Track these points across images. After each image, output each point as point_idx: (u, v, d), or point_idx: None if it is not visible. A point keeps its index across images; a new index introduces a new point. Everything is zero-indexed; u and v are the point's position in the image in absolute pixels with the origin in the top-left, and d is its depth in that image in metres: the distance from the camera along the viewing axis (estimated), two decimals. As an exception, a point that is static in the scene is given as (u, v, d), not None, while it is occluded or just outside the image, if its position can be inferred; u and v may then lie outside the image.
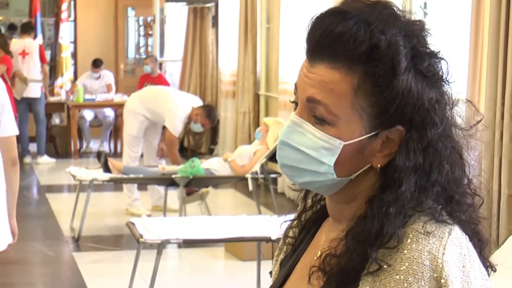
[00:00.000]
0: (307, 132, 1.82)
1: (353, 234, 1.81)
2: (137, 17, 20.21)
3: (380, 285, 1.77)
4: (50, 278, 8.76)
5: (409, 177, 1.80)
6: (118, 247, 9.42)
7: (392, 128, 1.81)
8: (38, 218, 11.06)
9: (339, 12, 1.81)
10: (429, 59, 1.83)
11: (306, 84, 1.83)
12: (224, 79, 15.06)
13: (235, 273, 8.54)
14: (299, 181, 1.90)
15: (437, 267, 1.72)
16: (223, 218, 8.52)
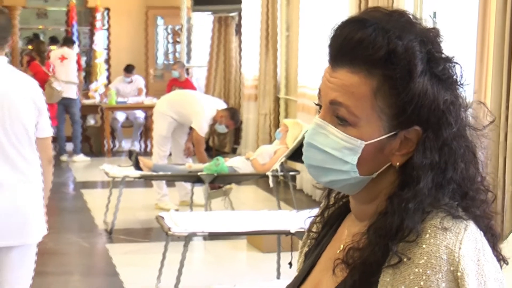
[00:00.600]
0: (330, 134, 1.83)
1: (375, 228, 1.82)
2: (166, 25, 20.19)
3: (400, 277, 1.77)
4: (85, 268, 8.79)
5: (427, 174, 1.81)
6: (148, 239, 9.45)
7: (409, 128, 1.81)
8: (74, 212, 11.10)
9: (359, 20, 1.83)
10: (444, 63, 1.83)
11: (328, 88, 1.84)
12: (247, 83, 15.02)
13: (256, 264, 8.55)
14: (324, 180, 1.91)
15: (453, 261, 1.74)
16: (245, 212, 8.53)
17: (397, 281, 1.77)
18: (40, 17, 20.99)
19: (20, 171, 5.04)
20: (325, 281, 1.95)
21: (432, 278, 1.73)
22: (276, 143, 10.01)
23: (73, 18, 18.81)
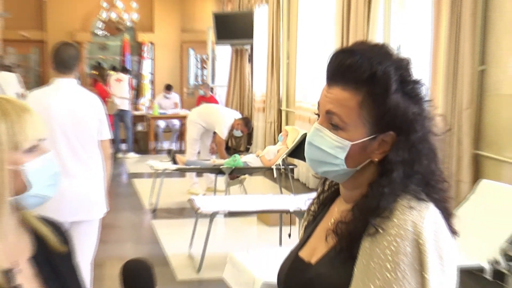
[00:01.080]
0: (325, 136, 1.90)
1: (358, 207, 1.89)
2: (196, 55, 20.18)
3: (376, 243, 1.81)
4: (135, 237, 8.79)
5: (398, 168, 1.87)
6: (182, 216, 9.42)
7: (386, 133, 1.88)
8: (127, 196, 11.09)
9: (349, 50, 1.90)
10: (413, 84, 1.89)
11: (325, 101, 1.91)
12: (257, 99, 15.02)
13: (263, 235, 8.54)
14: (320, 170, 1.97)
15: (417, 232, 1.78)
16: (255, 196, 8.50)
17: (374, 246, 1.81)
18: (102, 49, 21.00)
19: (86, 165, 5.17)
20: (320, 246, 2.00)
21: (400, 244, 1.77)
22: (279, 144, 10.00)
23: (126, 50, 18.90)
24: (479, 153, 6.96)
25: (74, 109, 5.12)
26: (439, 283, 1.80)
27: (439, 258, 1.80)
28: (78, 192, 5.06)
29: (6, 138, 1.73)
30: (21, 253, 1.86)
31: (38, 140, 1.80)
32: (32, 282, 1.84)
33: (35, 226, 1.92)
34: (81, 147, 5.13)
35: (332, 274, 1.91)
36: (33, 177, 1.78)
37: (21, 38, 18.76)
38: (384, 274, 1.78)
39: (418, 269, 1.78)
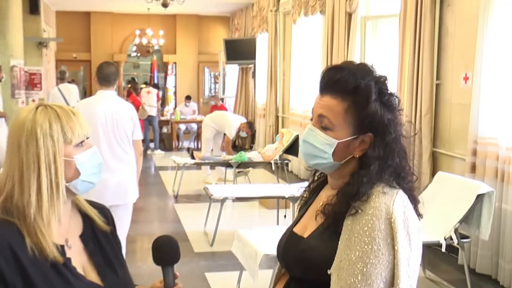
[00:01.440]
0: (317, 135, 1.94)
1: (342, 192, 1.92)
2: (210, 72, 20.20)
3: (356, 221, 1.83)
4: (161, 218, 8.76)
5: (375, 162, 1.90)
6: (198, 201, 9.37)
7: (365, 134, 1.91)
8: (154, 185, 11.06)
9: (339, 67, 1.94)
10: (389, 96, 1.93)
11: (318, 107, 1.95)
12: (258, 107, 14.97)
13: (264, 216, 8.50)
14: (311, 163, 1.99)
15: (389, 212, 1.81)
16: (257, 185, 8.48)
17: (354, 224, 1.83)
18: (135, 67, 21.08)
19: (121, 160, 5.21)
20: (311, 224, 2.01)
21: (376, 222, 1.80)
22: (276, 143, 9.98)
23: (154, 68, 18.95)
24: (436, 150, 6.97)
25: (113, 115, 5.17)
26: (407, 254, 1.82)
27: (406, 234, 1.81)
28: (116, 182, 5.11)
29: (59, 135, 1.75)
30: (72, 232, 1.86)
31: (84, 137, 1.82)
32: (80, 256, 1.84)
33: (84, 209, 1.94)
34: (118, 145, 5.17)
35: (320, 246, 1.92)
36: (81, 166, 1.80)
37: (71, 58, 18.98)
38: (362, 246, 1.79)
39: (390, 242, 1.79)
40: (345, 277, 1.80)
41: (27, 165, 1.72)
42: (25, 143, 1.73)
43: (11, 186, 1.73)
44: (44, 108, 1.78)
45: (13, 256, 1.66)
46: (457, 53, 6.61)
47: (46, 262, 1.70)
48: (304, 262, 1.95)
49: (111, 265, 1.90)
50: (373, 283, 1.78)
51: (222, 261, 6.38)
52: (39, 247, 1.70)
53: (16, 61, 10.94)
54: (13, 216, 1.72)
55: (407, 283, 1.81)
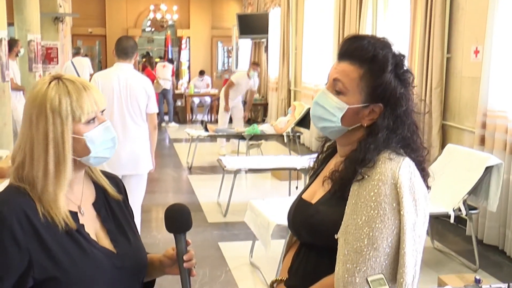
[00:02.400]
0: (329, 98, 1.93)
1: (349, 159, 1.92)
2: (223, 47, 20.13)
3: (363, 187, 1.84)
4: (175, 189, 8.81)
5: (383, 131, 1.89)
6: (212, 173, 9.40)
7: (376, 104, 1.90)
8: (169, 156, 11.10)
9: (359, 36, 1.95)
10: (404, 71, 1.92)
11: (334, 72, 1.93)
12: (271, 81, 14.94)
13: (276, 187, 8.51)
14: (319, 125, 1.98)
15: (395, 177, 1.81)
16: (270, 157, 8.48)
17: (361, 189, 1.84)
18: (149, 42, 21.00)
19: (134, 131, 5.21)
20: (319, 190, 2.03)
21: (382, 187, 1.81)
22: (288, 116, 9.96)
23: (168, 42, 18.88)
24: (445, 123, 6.93)
25: (127, 87, 5.17)
26: (413, 219, 1.82)
27: (412, 199, 1.82)
28: (127, 153, 5.12)
29: (69, 113, 1.73)
30: (86, 199, 1.87)
31: (96, 113, 1.79)
32: (94, 223, 1.85)
33: (96, 178, 1.94)
34: (130, 117, 5.17)
35: (328, 211, 1.93)
36: (92, 144, 1.77)
37: (87, 33, 19.01)
38: (368, 211, 1.81)
39: (396, 207, 1.80)
40: (351, 241, 1.82)
41: (37, 140, 1.72)
42: (36, 118, 1.73)
43: (22, 157, 1.75)
44: (57, 82, 1.76)
45: (28, 222, 1.68)
46: (468, 26, 6.55)
47: (59, 227, 1.72)
48: (312, 227, 1.97)
49: (123, 232, 1.91)
50: (379, 247, 1.79)
51: (235, 231, 6.42)
52: (49, 214, 1.71)
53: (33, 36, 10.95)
54: (24, 182, 1.74)
55: (412, 247, 1.82)
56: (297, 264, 2.06)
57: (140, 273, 1.93)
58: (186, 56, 19.87)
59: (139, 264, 1.91)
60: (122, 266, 1.82)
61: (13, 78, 9.33)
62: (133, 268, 1.84)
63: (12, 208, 1.68)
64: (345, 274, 1.80)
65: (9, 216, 1.66)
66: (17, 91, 9.71)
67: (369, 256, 1.79)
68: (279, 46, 13.84)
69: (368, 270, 1.79)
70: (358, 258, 1.80)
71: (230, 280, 5.13)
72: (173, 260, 1.96)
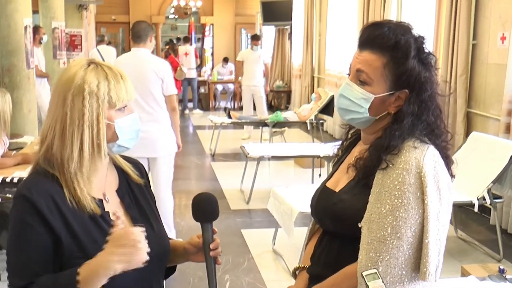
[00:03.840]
0: (354, 90, 1.92)
1: (374, 146, 1.92)
2: (247, 33, 20.08)
3: (387, 175, 1.84)
4: (198, 176, 8.84)
5: (408, 117, 1.88)
6: (235, 160, 9.43)
7: (401, 90, 1.90)
8: (192, 143, 11.13)
9: (379, 23, 1.93)
10: (427, 54, 1.91)
11: (356, 62, 1.92)
12: (295, 68, 14.88)
13: (299, 174, 8.51)
14: (347, 118, 1.98)
15: (419, 166, 1.81)
16: (293, 144, 8.47)
17: (385, 178, 1.84)
18: (172, 29, 21.10)
19: (149, 115, 5.17)
20: (343, 178, 2.03)
21: (406, 176, 1.80)
22: (312, 103, 9.90)
23: (192, 29, 18.86)
24: (470, 110, 6.87)
25: (138, 71, 5.16)
26: (437, 208, 1.81)
27: (436, 188, 1.82)
28: (145, 137, 5.07)
29: (105, 97, 1.75)
30: (109, 186, 1.88)
31: (128, 102, 1.82)
32: (117, 209, 1.85)
33: (119, 163, 1.95)
34: (142, 100, 5.15)
35: (351, 200, 1.93)
36: (120, 131, 1.80)
37: (110, 20, 19.09)
38: (392, 200, 1.81)
39: (420, 196, 1.80)
40: (375, 230, 1.82)
41: (71, 120, 1.73)
42: (71, 98, 1.73)
43: (52, 137, 1.75)
44: (95, 66, 1.78)
45: (55, 206, 1.70)
46: (495, 12, 6.47)
47: (85, 214, 1.74)
48: (335, 215, 1.98)
49: (146, 218, 1.92)
50: (402, 236, 1.79)
51: (258, 218, 6.44)
52: (76, 199, 1.73)
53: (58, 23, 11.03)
54: (53, 166, 1.76)
55: (436, 237, 1.81)
56: (320, 252, 2.07)
57: (163, 259, 1.95)
58: (210, 43, 19.89)
59: (162, 250, 1.93)
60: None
61: (37, 65, 9.41)
62: (156, 254, 1.86)
63: (41, 193, 1.70)
64: (368, 263, 1.81)
65: (38, 201, 1.68)
66: (42, 78, 9.81)
67: (393, 245, 1.80)
68: (303, 33, 13.79)
69: (392, 259, 1.80)
70: (381, 247, 1.80)
71: (252, 267, 5.15)
72: (197, 248, 1.97)
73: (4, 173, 4.50)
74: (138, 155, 5.02)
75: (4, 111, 4.86)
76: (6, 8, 6.86)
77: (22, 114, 7.05)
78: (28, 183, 1.75)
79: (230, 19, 19.62)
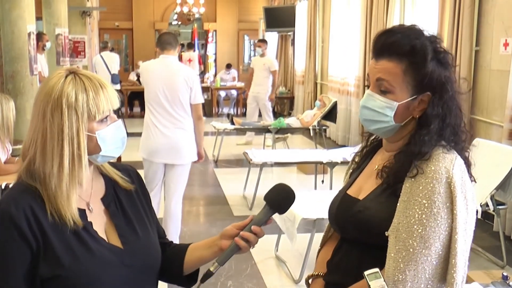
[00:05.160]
0: (376, 99, 1.91)
1: (404, 152, 1.90)
2: (249, 40, 20.15)
3: (416, 183, 1.82)
4: (202, 182, 8.79)
5: (435, 120, 1.87)
6: (238, 166, 9.44)
7: (424, 93, 1.88)
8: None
9: (390, 30, 1.92)
10: (444, 54, 1.90)
11: (375, 72, 1.91)
12: (297, 74, 14.92)
13: (302, 181, 8.49)
14: (372, 128, 1.96)
15: (449, 176, 1.79)
16: (296, 150, 8.45)
17: (414, 187, 1.82)
18: (176, 35, 21.12)
19: (176, 122, 5.26)
20: (366, 186, 2.00)
21: (436, 185, 1.79)
22: (315, 109, 9.89)
23: (195, 36, 18.90)
24: (473, 117, 6.86)
25: (169, 78, 5.24)
26: (464, 218, 1.81)
27: (464, 198, 1.81)
28: (170, 143, 5.23)
29: (84, 110, 1.71)
30: (94, 195, 1.84)
31: (110, 111, 1.77)
32: (102, 219, 1.83)
33: (106, 171, 1.91)
34: (172, 109, 5.23)
35: (377, 207, 1.91)
36: (103, 142, 1.76)
37: (114, 27, 19.14)
38: (422, 209, 1.79)
39: (449, 206, 1.79)
40: (403, 239, 1.80)
41: (51, 135, 1.70)
42: (50, 113, 1.70)
43: (34, 152, 1.73)
44: (74, 77, 1.73)
45: (35, 221, 1.67)
46: (497, 19, 6.47)
47: (66, 227, 1.70)
48: (360, 223, 1.94)
49: (132, 226, 1.87)
50: (431, 246, 1.78)
51: (261, 224, 6.42)
52: (58, 213, 1.70)
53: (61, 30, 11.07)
54: (35, 180, 1.73)
55: (463, 247, 1.80)
56: (338, 259, 2.05)
57: (151, 270, 1.89)
58: (213, 50, 19.93)
59: (150, 259, 1.87)
60: (131, 263, 1.79)
61: (41, 72, 9.43)
62: (143, 264, 1.82)
63: (20, 207, 1.67)
64: (396, 272, 1.79)
65: (17, 215, 1.65)
66: (45, 85, 9.81)
67: (421, 255, 1.78)
68: (306, 39, 13.81)
69: (419, 268, 1.78)
70: (409, 257, 1.78)
71: (255, 273, 5.14)
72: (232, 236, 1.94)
73: (7, 180, 4.51)
74: (162, 160, 5.14)
75: (8, 117, 4.88)
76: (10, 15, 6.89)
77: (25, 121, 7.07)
78: (9, 197, 1.72)
79: (233, 26, 19.66)
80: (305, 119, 9.78)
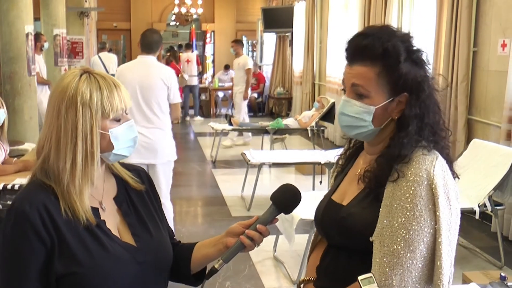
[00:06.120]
0: (353, 105, 1.89)
1: (383, 156, 1.89)
2: (248, 40, 20.14)
3: (397, 187, 1.81)
4: (199, 183, 8.82)
5: (413, 121, 1.86)
6: (236, 166, 9.43)
7: (401, 95, 1.87)
8: (193, 150, 11.14)
9: (363, 34, 1.90)
10: (417, 53, 1.88)
11: (349, 77, 1.90)
12: (295, 74, 14.90)
13: (300, 181, 8.46)
14: (352, 133, 1.95)
15: (430, 178, 1.78)
16: (294, 151, 8.47)
17: (395, 190, 1.81)
18: (174, 36, 21.11)
19: (152, 123, 5.23)
20: (349, 191, 1.99)
21: (417, 188, 1.78)
22: (313, 110, 9.89)
23: (193, 36, 18.90)
24: (471, 118, 6.88)
25: (145, 77, 5.20)
26: (448, 219, 1.80)
27: (447, 199, 1.80)
28: (147, 142, 5.17)
29: (98, 108, 1.74)
30: (106, 194, 1.87)
31: (123, 110, 1.81)
32: (115, 218, 1.85)
33: (117, 171, 1.94)
34: (147, 106, 5.19)
35: (361, 213, 1.89)
36: (116, 140, 1.79)
37: (112, 27, 19.15)
38: (404, 213, 1.78)
39: (432, 208, 1.78)
40: (387, 243, 1.79)
41: (65, 132, 1.73)
42: (65, 110, 1.73)
43: (48, 149, 1.75)
44: (88, 76, 1.77)
45: (49, 218, 1.69)
46: (495, 19, 6.48)
47: (80, 224, 1.73)
48: (344, 229, 1.93)
49: (145, 225, 1.90)
50: (415, 249, 1.77)
51: (259, 225, 6.41)
52: (72, 210, 1.72)
53: (59, 30, 11.05)
54: (49, 177, 1.75)
55: (448, 248, 1.80)
56: (326, 264, 2.04)
57: (163, 267, 1.92)
58: (211, 50, 19.93)
59: (162, 258, 1.90)
60: (144, 260, 1.82)
61: (39, 72, 9.43)
62: (155, 262, 1.84)
63: (34, 205, 1.69)
64: (382, 278, 1.79)
65: (31, 212, 1.67)
66: (43, 85, 9.82)
67: (406, 259, 1.78)
68: (304, 40, 13.83)
69: (405, 272, 1.78)
70: (394, 261, 1.78)
71: (253, 274, 5.14)
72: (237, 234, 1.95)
73: (4, 180, 4.50)
74: (139, 161, 5.08)
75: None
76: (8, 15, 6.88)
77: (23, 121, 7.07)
78: (23, 195, 1.74)
79: (231, 26, 19.66)
80: (303, 120, 9.78)
